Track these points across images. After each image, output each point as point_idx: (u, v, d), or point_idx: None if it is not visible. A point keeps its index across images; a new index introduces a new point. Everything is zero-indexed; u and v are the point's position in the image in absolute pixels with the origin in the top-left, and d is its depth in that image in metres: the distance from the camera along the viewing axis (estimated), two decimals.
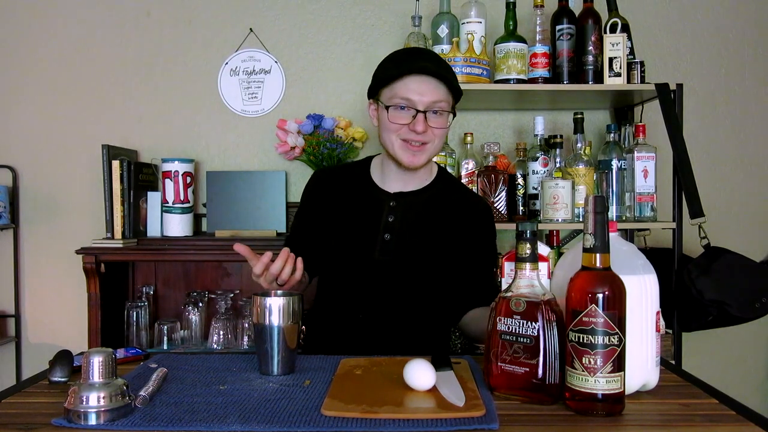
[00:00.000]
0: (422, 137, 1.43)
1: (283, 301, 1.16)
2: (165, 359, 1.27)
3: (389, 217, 1.51)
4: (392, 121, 1.43)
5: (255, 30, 2.52)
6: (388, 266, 1.48)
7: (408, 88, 1.41)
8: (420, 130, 1.41)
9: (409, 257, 1.49)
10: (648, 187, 2.15)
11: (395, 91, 1.42)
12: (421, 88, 1.40)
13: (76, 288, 2.36)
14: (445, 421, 0.90)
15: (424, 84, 1.41)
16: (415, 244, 1.50)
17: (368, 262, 1.49)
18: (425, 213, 1.52)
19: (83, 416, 0.91)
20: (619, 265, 0.98)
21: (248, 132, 2.53)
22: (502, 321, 1.02)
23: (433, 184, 1.57)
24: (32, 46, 2.53)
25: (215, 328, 2.21)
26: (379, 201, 1.53)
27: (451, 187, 1.61)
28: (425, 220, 1.52)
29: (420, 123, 1.41)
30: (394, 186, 1.54)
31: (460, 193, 1.62)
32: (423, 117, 1.41)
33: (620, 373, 0.94)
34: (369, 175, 1.59)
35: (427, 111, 1.41)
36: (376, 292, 1.49)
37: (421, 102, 1.41)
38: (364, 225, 1.52)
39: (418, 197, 1.54)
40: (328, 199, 1.58)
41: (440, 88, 1.42)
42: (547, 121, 2.31)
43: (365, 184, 1.57)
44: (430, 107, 1.42)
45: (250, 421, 0.91)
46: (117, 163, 2.27)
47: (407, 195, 1.53)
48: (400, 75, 1.41)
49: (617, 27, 2.17)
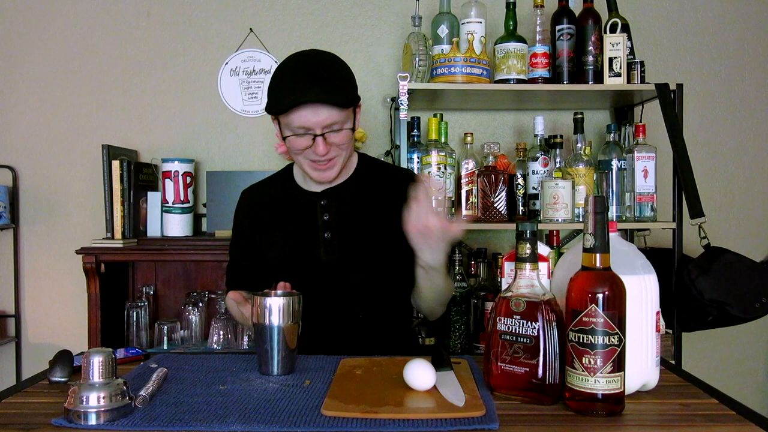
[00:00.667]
0: (327, 155, 1.43)
1: (283, 301, 1.16)
2: (165, 359, 1.28)
3: (324, 216, 1.51)
4: (296, 147, 1.44)
5: (255, 30, 2.52)
6: (337, 265, 1.49)
7: (301, 117, 1.39)
8: (321, 153, 1.41)
9: (354, 251, 1.50)
10: (648, 187, 2.15)
11: (291, 120, 1.40)
12: (315, 117, 1.39)
13: (76, 288, 2.36)
14: (445, 421, 0.90)
15: (317, 113, 1.38)
16: (357, 236, 1.50)
17: (316, 265, 1.49)
18: (358, 201, 1.53)
19: (83, 416, 0.91)
20: (619, 265, 0.98)
21: (248, 132, 2.53)
22: (502, 321, 1.02)
23: (356, 172, 1.58)
24: (32, 46, 2.53)
25: (215, 328, 2.21)
26: (309, 203, 1.53)
27: (376, 170, 1.61)
28: (360, 209, 1.52)
29: (320, 146, 1.40)
30: (318, 185, 1.54)
31: (385, 172, 1.63)
32: (322, 139, 1.40)
33: (620, 373, 0.94)
34: (293, 181, 1.59)
35: (324, 132, 1.41)
36: (331, 293, 1.49)
37: (317, 126, 1.40)
38: (303, 229, 1.52)
39: (346, 189, 1.54)
40: (261, 214, 1.58)
41: (333, 110, 1.40)
42: (547, 121, 2.31)
43: (292, 190, 1.58)
44: (328, 128, 1.41)
45: (250, 421, 0.91)
46: (117, 163, 2.27)
47: (335, 190, 1.54)
48: (292, 106, 1.39)
49: (617, 27, 2.17)
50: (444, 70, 2.11)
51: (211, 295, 2.35)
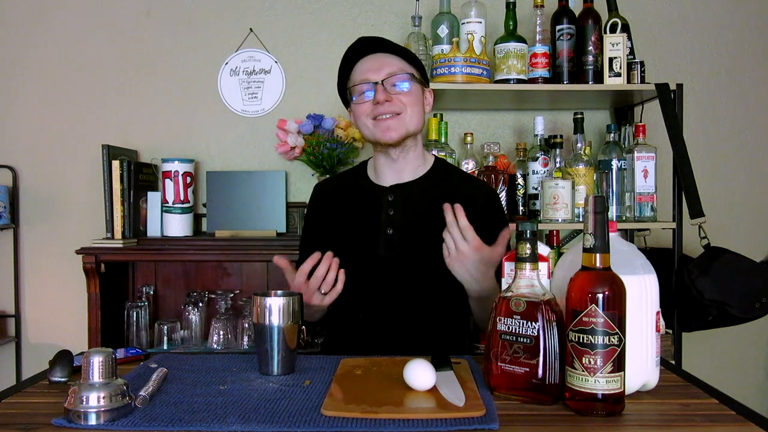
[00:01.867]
0: (389, 107, 1.44)
1: (283, 301, 1.16)
2: (165, 359, 1.27)
3: (389, 211, 1.50)
4: (359, 104, 1.47)
5: (255, 30, 2.52)
6: (394, 262, 1.47)
7: (361, 70, 1.45)
8: (382, 99, 1.42)
9: (413, 250, 1.47)
10: (648, 187, 2.15)
11: (354, 80, 1.47)
12: (374, 65, 1.44)
13: (76, 288, 2.36)
14: (445, 421, 0.90)
15: (375, 61, 1.44)
16: (419, 237, 1.47)
17: (374, 260, 1.48)
18: (425, 202, 1.50)
19: (83, 416, 0.91)
20: (619, 265, 0.98)
21: (248, 132, 2.53)
22: (502, 321, 1.02)
23: (430, 172, 1.56)
24: (32, 46, 2.53)
25: (215, 328, 2.21)
26: (377, 197, 1.53)
27: (450, 174, 1.60)
28: (426, 210, 1.48)
29: (380, 92, 1.42)
30: (389, 179, 1.54)
31: (460, 179, 1.60)
32: (381, 86, 1.43)
33: (620, 373, 0.94)
34: (365, 175, 1.59)
35: (385, 80, 1.43)
36: (385, 290, 1.48)
37: (377, 76, 1.43)
38: (366, 223, 1.51)
39: (415, 187, 1.53)
40: (330, 207, 1.58)
41: (392, 58, 1.45)
42: (547, 121, 2.31)
43: (362, 184, 1.58)
44: (388, 77, 1.44)
45: (250, 421, 0.91)
46: (117, 163, 2.27)
47: (404, 186, 1.53)
48: (351, 64, 1.46)
49: (617, 27, 2.17)
50: (444, 70, 2.11)
51: (211, 295, 2.35)
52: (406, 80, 1.45)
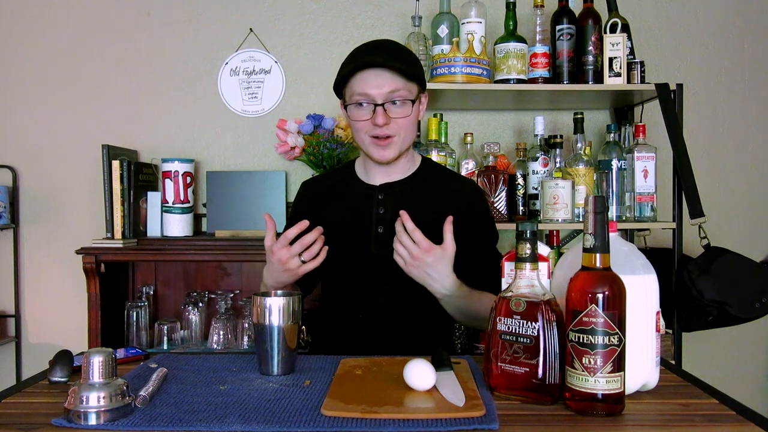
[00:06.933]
0: (386, 130, 1.44)
1: (283, 301, 1.16)
2: (165, 359, 1.27)
3: (379, 209, 1.52)
4: (355, 119, 1.46)
5: (255, 30, 2.52)
6: (386, 259, 1.48)
7: (363, 82, 1.42)
8: (381, 123, 1.42)
9: None
10: (648, 187, 2.15)
11: (353, 89, 1.44)
12: (377, 81, 1.41)
13: (76, 288, 2.36)
14: (445, 421, 0.90)
15: (379, 77, 1.41)
16: None
17: (366, 258, 1.50)
18: (415, 201, 1.52)
19: (83, 416, 0.91)
20: (619, 265, 0.98)
21: (248, 132, 2.53)
22: (502, 321, 1.02)
23: (418, 171, 1.58)
24: (32, 46, 2.53)
25: (215, 328, 2.21)
26: (367, 195, 1.54)
27: (438, 172, 1.61)
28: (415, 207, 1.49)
29: (380, 116, 1.41)
30: (378, 179, 1.55)
31: (447, 177, 1.62)
32: (382, 110, 1.42)
33: (620, 373, 0.94)
34: (354, 173, 1.60)
35: (385, 103, 1.42)
36: (378, 288, 1.49)
37: (378, 95, 1.41)
38: (357, 221, 1.52)
39: (404, 186, 1.55)
40: (320, 206, 1.58)
41: (396, 78, 1.42)
42: (547, 121, 2.31)
43: (352, 182, 1.59)
44: (388, 98, 1.42)
45: (250, 421, 0.91)
46: (117, 163, 2.27)
47: (393, 185, 1.54)
48: (354, 71, 1.43)
49: (617, 27, 2.17)
50: (444, 70, 2.11)
51: (211, 295, 2.35)
52: (405, 104, 1.45)
